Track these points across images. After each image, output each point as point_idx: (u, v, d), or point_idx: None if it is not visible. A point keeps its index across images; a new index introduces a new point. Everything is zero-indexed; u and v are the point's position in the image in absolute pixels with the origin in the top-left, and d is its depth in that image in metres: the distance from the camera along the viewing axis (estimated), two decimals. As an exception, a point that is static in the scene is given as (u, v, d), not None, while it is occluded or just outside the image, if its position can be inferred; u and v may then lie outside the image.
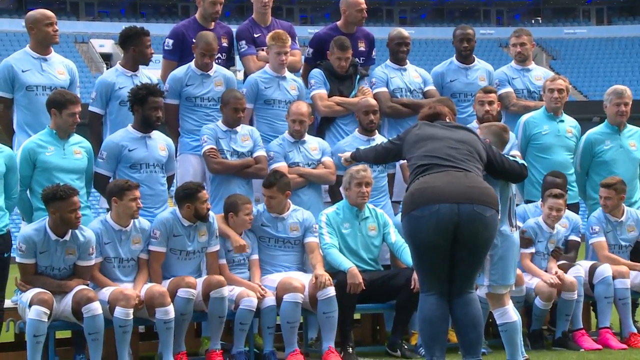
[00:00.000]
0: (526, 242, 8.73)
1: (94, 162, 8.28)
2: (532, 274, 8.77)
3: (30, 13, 8.75)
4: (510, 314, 6.94)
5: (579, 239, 9.27)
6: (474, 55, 10.04)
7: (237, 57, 9.96)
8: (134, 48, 8.82)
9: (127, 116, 8.59)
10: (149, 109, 8.20)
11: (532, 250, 8.86)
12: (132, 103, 8.27)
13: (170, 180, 8.61)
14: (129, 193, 7.76)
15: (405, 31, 9.98)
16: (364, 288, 8.16)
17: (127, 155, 8.22)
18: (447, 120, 7.10)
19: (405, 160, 9.05)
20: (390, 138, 8.33)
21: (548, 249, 8.95)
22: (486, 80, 9.92)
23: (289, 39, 9.15)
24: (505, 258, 6.85)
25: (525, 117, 9.66)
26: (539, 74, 10.14)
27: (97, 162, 8.27)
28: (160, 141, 8.40)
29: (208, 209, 7.99)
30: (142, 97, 8.18)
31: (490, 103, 9.34)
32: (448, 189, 6.39)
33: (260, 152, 8.78)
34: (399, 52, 9.73)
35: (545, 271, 8.82)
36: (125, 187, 7.79)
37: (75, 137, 8.16)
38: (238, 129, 8.75)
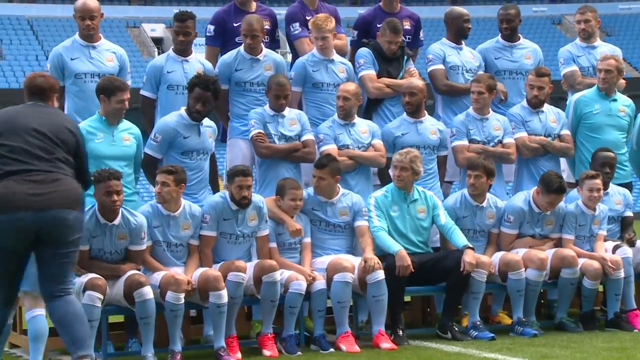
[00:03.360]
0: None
1: (144, 144, 8.35)
2: (580, 256, 8.70)
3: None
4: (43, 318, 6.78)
5: (632, 214, 9.22)
6: (519, 34, 9.94)
7: (282, 40, 9.94)
8: (171, 32, 8.94)
9: (174, 100, 8.67)
10: (192, 98, 8.25)
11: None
12: (187, 89, 8.38)
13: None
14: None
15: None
16: (413, 270, 8.16)
17: (181, 142, 8.28)
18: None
19: (458, 142, 9.08)
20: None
21: (592, 230, 8.87)
22: (532, 59, 9.83)
23: (329, 23, 9.08)
24: None
25: (576, 96, 9.59)
26: (604, 50, 9.97)
27: (149, 144, 8.34)
28: (209, 129, 8.46)
29: (244, 197, 7.98)
30: (191, 85, 8.26)
31: (540, 88, 9.26)
32: (31, 198, 6.18)
33: (308, 136, 8.78)
34: (465, 30, 9.68)
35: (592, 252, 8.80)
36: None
37: (125, 124, 8.24)
38: (285, 112, 8.76)
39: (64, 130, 6.50)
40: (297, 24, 9.53)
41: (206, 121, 8.43)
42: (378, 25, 9.54)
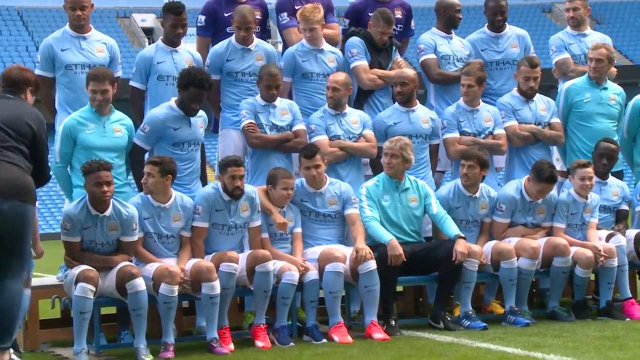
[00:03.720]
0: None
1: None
2: (573, 245, 8.72)
3: None
4: None
5: (627, 208, 9.25)
6: (506, 23, 9.90)
7: (272, 30, 9.91)
8: (163, 23, 8.89)
9: (164, 91, 8.64)
10: (187, 98, 8.20)
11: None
12: (177, 84, 8.30)
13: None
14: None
15: None
16: (405, 260, 8.15)
17: (171, 133, 8.25)
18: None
19: (449, 134, 9.08)
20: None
21: (584, 219, 8.89)
22: (518, 47, 9.81)
23: (317, 14, 9.03)
24: None
25: (567, 85, 9.60)
26: (595, 39, 9.96)
27: (137, 134, 8.30)
28: (199, 119, 8.42)
29: (237, 187, 7.96)
30: (185, 84, 8.20)
31: (535, 79, 9.30)
32: None
33: (300, 126, 8.77)
34: (456, 20, 9.68)
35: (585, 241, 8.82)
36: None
37: (117, 114, 8.21)
38: (277, 102, 8.74)
39: (19, 122, 6.63)
40: (285, 14, 9.51)
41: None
42: (370, 14, 9.52)
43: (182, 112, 8.27)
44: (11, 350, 6.65)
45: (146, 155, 8.27)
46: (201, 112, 8.46)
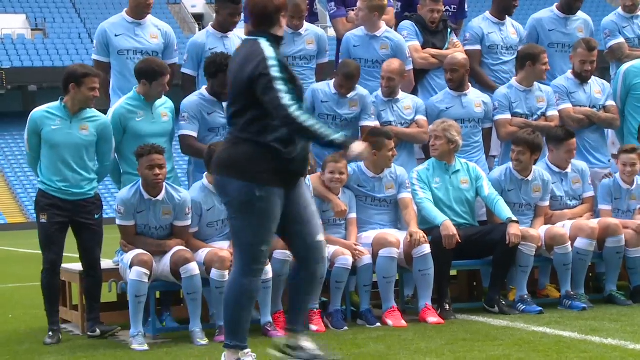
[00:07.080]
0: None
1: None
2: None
3: None
4: None
5: None
6: None
7: (320, 13, 9.88)
8: (218, 11, 8.88)
9: (218, 78, 8.65)
10: (218, 85, 8.15)
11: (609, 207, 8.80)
12: (205, 73, 8.28)
13: None
14: None
15: None
16: (459, 241, 8.10)
17: (205, 119, 8.27)
18: None
19: (501, 116, 9.01)
20: None
21: (630, 206, 8.79)
22: (584, 32, 9.67)
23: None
24: None
25: (625, 67, 9.48)
26: None
27: (179, 125, 8.31)
28: None
29: None
30: (213, 72, 8.16)
31: (592, 62, 9.20)
32: None
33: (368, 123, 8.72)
34: (512, 7, 9.55)
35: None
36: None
37: (161, 99, 8.23)
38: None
39: None
40: (333, 3, 9.50)
41: None
42: (422, -4, 9.47)
43: (213, 98, 8.28)
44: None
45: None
46: None
